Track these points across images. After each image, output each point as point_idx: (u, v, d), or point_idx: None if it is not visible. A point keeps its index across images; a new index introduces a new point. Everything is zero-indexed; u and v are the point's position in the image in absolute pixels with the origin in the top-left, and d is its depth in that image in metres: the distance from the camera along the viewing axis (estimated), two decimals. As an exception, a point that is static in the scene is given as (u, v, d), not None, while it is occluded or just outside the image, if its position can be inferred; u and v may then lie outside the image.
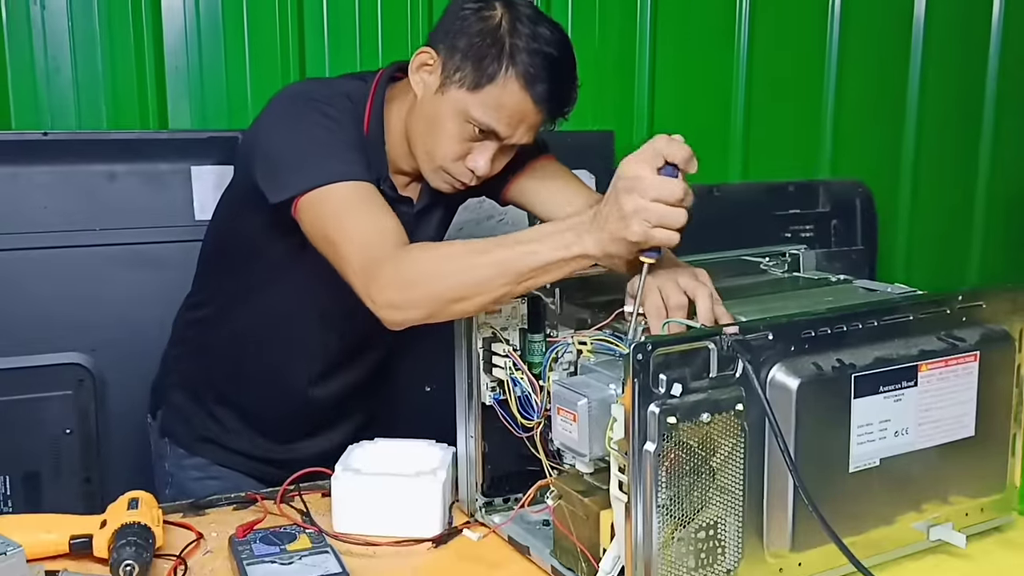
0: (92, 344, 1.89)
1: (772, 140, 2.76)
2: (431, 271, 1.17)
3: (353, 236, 1.24)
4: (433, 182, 1.40)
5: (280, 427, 1.60)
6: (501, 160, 1.37)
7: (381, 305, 1.19)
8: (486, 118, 1.30)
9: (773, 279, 1.38)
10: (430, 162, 1.37)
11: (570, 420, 1.04)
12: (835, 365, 1.01)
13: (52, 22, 2.01)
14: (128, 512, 1.12)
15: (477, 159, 1.34)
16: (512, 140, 1.33)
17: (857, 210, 2.70)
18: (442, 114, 1.32)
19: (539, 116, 1.32)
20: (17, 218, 1.88)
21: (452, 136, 1.33)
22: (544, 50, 1.29)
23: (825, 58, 2.82)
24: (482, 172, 1.35)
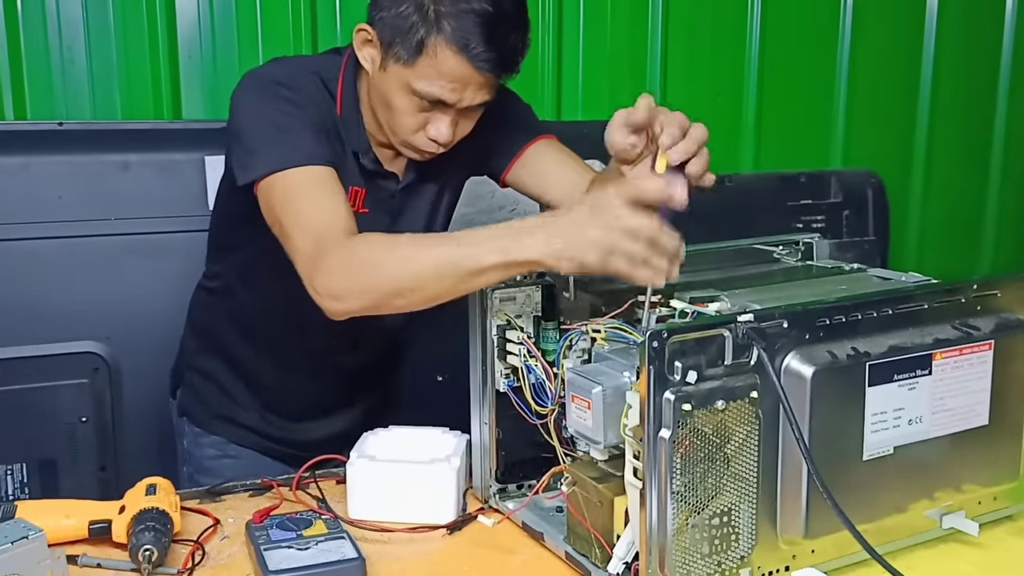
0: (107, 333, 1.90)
1: (784, 130, 2.76)
2: (373, 262, 1.16)
3: (302, 222, 1.23)
4: (406, 154, 1.40)
5: (289, 405, 1.61)
6: (466, 123, 1.36)
7: (323, 294, 1.18)
8: (429, 89, 1.28)
9: (787, 267, 1.37)
10: (395, 137, 1.37)
11: (585, 408, 1.04)
12: (850, 353, 1.01)
13: (67, 13, 2.02)
14: (146, 498, 1.14)
15: (438, 128, 1.32)
16: (464, 103, 1.30)
17: (869, 200, 2.69)
18: (390, 90, 1.31)
19: (484, 77, 1.28)
20: (32, 208, 1.89)
21: (404, 111, 1.31)
22: (474, 8, 1.24)
23: (837, 47, 2.82)
24: (444, 140, 1.33)
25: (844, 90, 2.84)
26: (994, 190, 3.11)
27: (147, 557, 1.06)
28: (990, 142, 3.08)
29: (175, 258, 1.98)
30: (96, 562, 1.10)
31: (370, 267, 1.16)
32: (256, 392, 1.61)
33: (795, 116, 2.78)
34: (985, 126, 3.07)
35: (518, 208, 2.29)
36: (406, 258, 1.15)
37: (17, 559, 0.96)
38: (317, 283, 1.18)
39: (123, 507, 1.14)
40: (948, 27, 2.91)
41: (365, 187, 1.42)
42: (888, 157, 2.89)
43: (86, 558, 1.10)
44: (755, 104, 2.72)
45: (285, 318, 1.51)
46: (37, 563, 0.98)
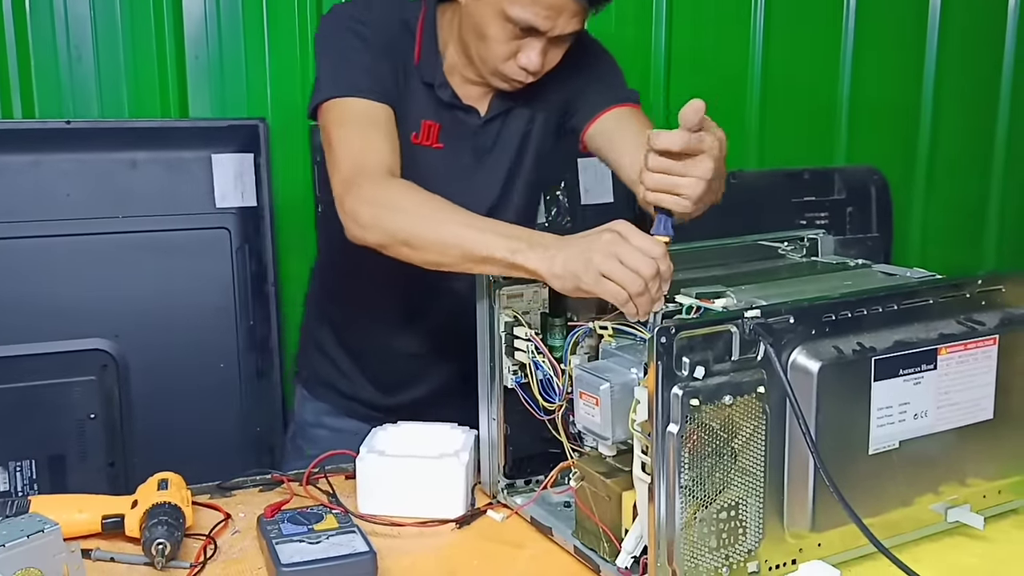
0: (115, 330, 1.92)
1: (788, 127, 2.76)
2: (397, 208, 1.24)
3: (351, 147, 1.32)
4: (495, 84, 1.42)
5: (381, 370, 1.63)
6: (555, 52, 1.38)
7: (348, 215, 1.27)
8: (523, 15, 1.30)
9: (792, 263, 1.38)
10: (484, 66, 1.39)
11: (593, 404, 1.05)
12: (855, 348, 1.02)
13: (74, 11, 2.03)
14: (158, 492, 1.15)
15: (528, 56, 1.35)
16: (556, 31, 1.33)
17: (872, 197, 2.70)
18: (484, 18, 1.34)
19: (577, 4, 1.31)
20: (40, 205, 1.90)
21: (497, 38, 1.34)
22: None
23: (841, 44, 2.82)
24: (534, 67, 1.36)
25: (848, 87, 2.84)
26: (997, 186, 3.11)
27: (160, 551, 1.07)
28: (993, 138, 3.08)
29: (183, 255, 1.99)
30: (109, 556, 1.11)
31: (394, 211, 1.24)
32: (355, 359, 1.64)
33: (799, 113, 2.78)
34: (988, 122, 3.07)
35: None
36: (425, 217, 1.21)
37: (33, 553, 0.97)
38: (347, 204, 1.27)
39: (135, 502, 1.15)
40: (951, 24, 2.91)
41: (440, 121, 1.45)
42: (891, 154, 2.88)
43: (99, 552, 1.11)
44: (759, 101, 2.72)
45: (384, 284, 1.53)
46: (53, 556, 0.99)
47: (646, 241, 1.07)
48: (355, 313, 1.62)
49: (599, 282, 1.06)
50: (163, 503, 1.12)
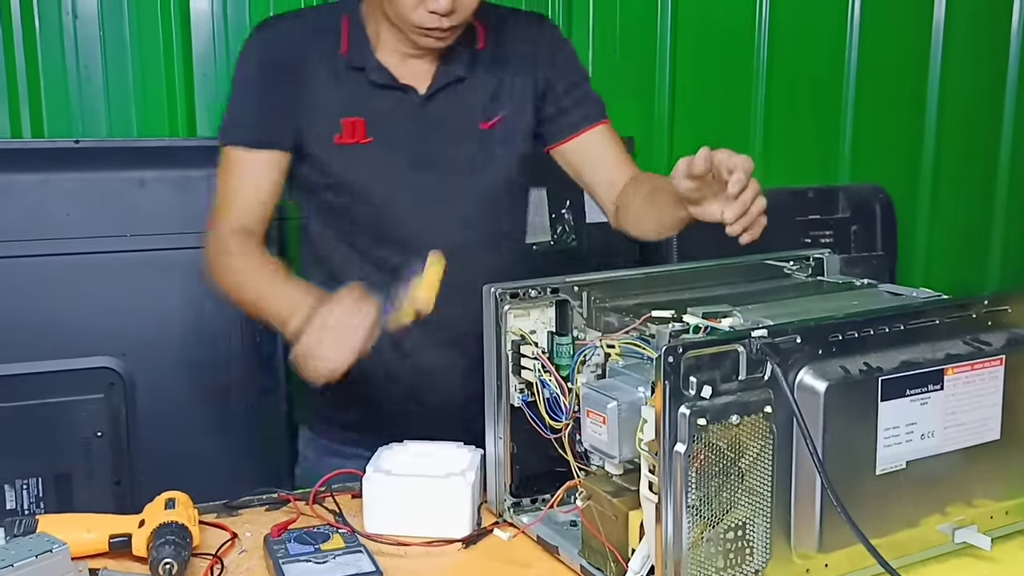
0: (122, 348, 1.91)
1: (792, 145, 2.78)
2: (216, 264, 1.45)
3: (222, 198, 1.47)
4: (422, 43, 1.39)
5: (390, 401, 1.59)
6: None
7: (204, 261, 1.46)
8: None
9: (798, 283, 1.39)
10: (403, 23, 1.36)
11: (600, 423, 1.05)
12: (862, 368, 1.02)
13: (84, 31, 2.06)
14: (165, 512, 1.15)
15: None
16: None
17: (877, 215, 2.70)
18: None
19: None
20: (49, 224, 1.90)
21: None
22: None
23: (844, 63, 2.83)
24: (444, 7, 1.31)
25: (851, 105, 2.85)
26: (1001, 204, 3.11)
27: (167, 570, 1.07)
28: (997, 156, 3.09)
29: (190, 274, 1.98)
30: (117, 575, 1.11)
31: (215, 266, 1.45)
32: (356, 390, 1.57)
33: (803, 131, 2.80)
34: (992, 141, 3.08)
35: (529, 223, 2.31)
36: (228, 280, 1.43)
37: (42, 573, 0.98)
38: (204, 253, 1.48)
39: (143, 521, 1.15)
40: (954, 42, 2.92)
41: (367, 114, 1.43)
42: (896, 173, 2.90)
43: (107, 572, 1.11)
44: (763, 119, 2.74)
45: None
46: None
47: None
48: None
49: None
50: (170, 522, 1.12)
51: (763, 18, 2.69)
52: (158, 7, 2.10)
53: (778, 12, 2.69)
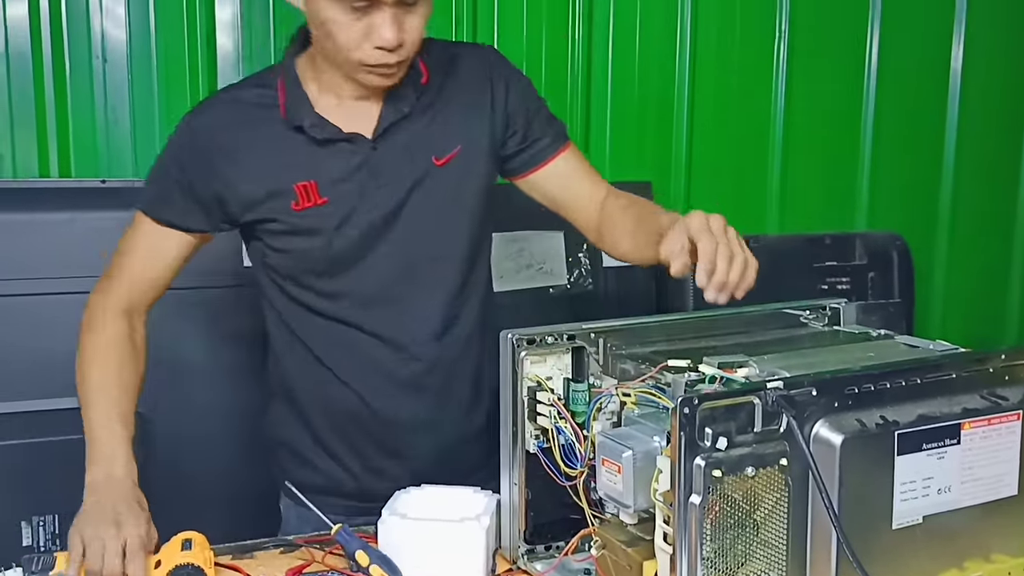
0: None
1: (809, 192, 2.78)
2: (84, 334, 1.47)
3: (118, 259, 1.49)
4: (368, 83, 1.35)
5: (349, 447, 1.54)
6: (411, 23, 1.30)
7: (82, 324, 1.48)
8: None
9: (814, 332, 1.39)
10: (347, 63, 1.32)
11: (615, 472, 1.06)
12: (878, 422, 1.02)
13: (112, 74, 2.10)
14: (182, 553, 1.16)
15: (380, 32, 1.27)
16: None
17: (894, 263, 2.70)
18: (320, 9, 1.28)
19: None
20: (74, 263, 1.93)
21: (341, 24, 1.27)
22: None
23: (861, 109, 2.85)
24: (390, 42, 1.27)
25: (868, 153, 2.86)
26: (1019, 251, 3.10)
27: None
28: (1014, 204, 3.09)
29: (210, 314, 2.01)
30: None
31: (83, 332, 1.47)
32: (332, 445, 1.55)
33: (820, 178, 2.80)
34: (1010, 189, 3.08)
35: (544, 267, 2.33)
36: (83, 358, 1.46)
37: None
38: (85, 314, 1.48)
39: (159, 561, 1.16)
40: (972, 89, 2.93)
41: (318, 176, 1.39)
42: (913, 220, 2.90)
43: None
44: (780, 167, 2.75)
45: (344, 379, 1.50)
46: (77, 616, 1.00)
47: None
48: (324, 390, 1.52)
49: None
50: (186, 564, 1.13)
51: (780, 64, 2.72)
52: (186, 51, 2.14)
53: (795, 58, 2.72)
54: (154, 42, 2.12)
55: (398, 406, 1.48)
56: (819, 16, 2.73)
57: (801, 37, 2.71)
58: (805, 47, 2.72)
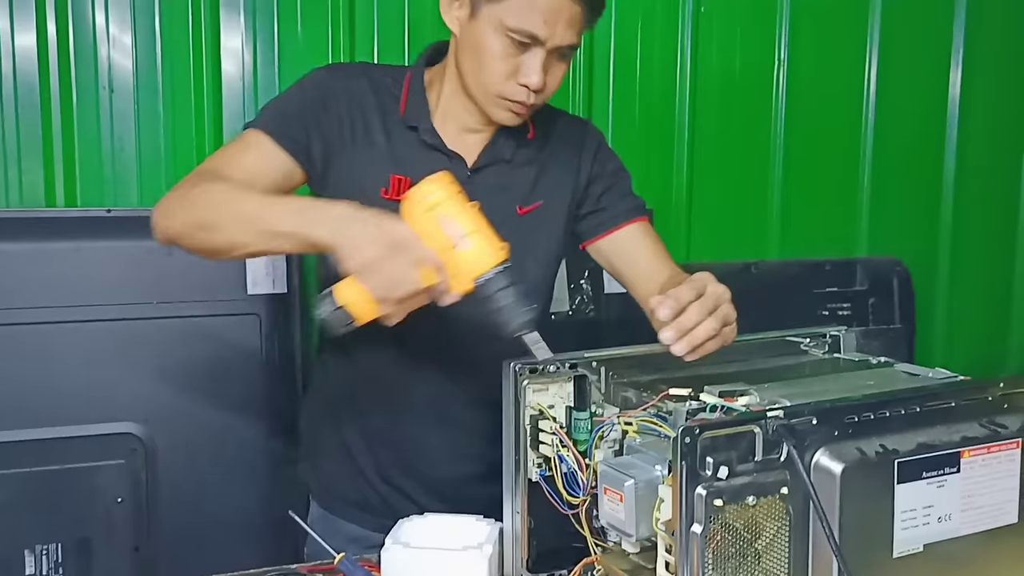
0: (145, 415, 1.95)
1: (810, 218, 2.80)
2: (206, 192, 1.25)
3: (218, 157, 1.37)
4: (497, 116, 1.40)
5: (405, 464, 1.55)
6: (555, 72, 1.37)
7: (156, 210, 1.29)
8: (522, 23, 1.30)
9: (814, 360, 1.40)
10: (484, 93, 1.37)
11: (617, 500, 1.06)
12: (878, 450, 1.03)
13: (119, 104, 2.12)
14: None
15: (528, 72, 1.33)
16: (555, 41, 1.32)
17: (895, 288, 2.71)
18: (480, 36, 1.33)
19: (575, 8, 1.31)
20: (79, 291, 1.95)
21: (495, 55, 1.33)
22: None
23: (861, 136, 2.87)
24: (535, 84, 1.34)
25: (868, 178, 2.88)
26: (1020, 275, 3.12)
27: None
28: (1015, 228, 3.11)
29: (214, 340, 2.02)
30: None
31: (198, 197, 1.26)
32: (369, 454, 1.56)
33: (820, 204, 2.82)
34: (1010, 213, 3.10)
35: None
36: (226, 199, 1.23)
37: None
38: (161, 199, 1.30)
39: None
40: (971, 115, 2.96)
41: (412, 175, 1.39)
42: (913, 245, 2.91)
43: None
44: (781, 193, 2.76)
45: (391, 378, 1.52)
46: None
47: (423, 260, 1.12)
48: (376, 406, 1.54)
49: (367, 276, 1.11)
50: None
51: (780, 91, 2.74)
52: (191, 81, 2.16)
53: (795, 86, 2.74)
54: (160, 72, 2.15)
55: (426, 431, 1.51)
56: (818, 44, 2.76)
57: (801, 65, 2.74)
58: (805, 74, 2.75)
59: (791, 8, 2.71)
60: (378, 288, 1.12)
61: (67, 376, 1.92)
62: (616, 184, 1.56)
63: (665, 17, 2.60)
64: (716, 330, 1.16)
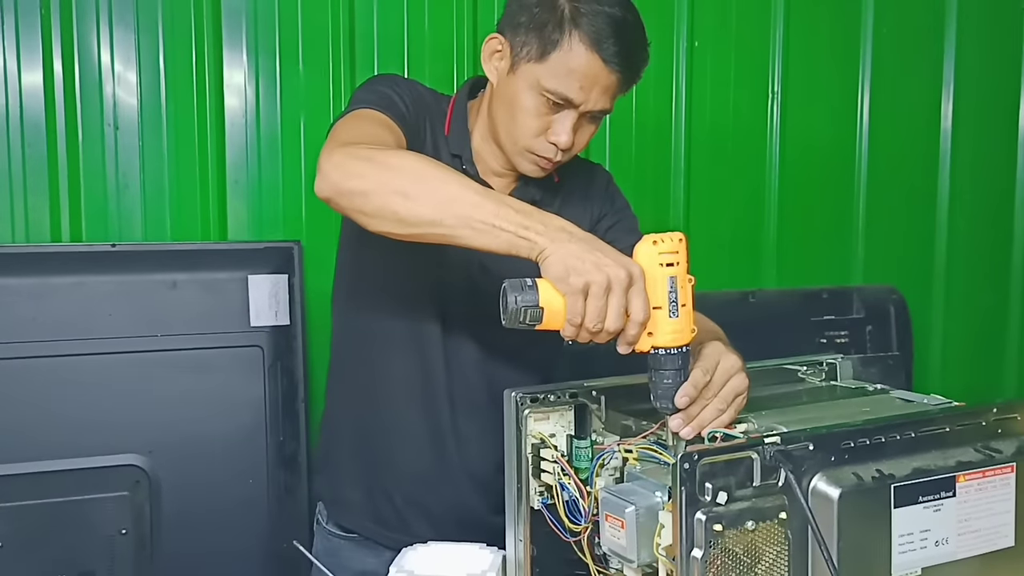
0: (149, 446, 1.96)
1: (805, 247, 2.82)
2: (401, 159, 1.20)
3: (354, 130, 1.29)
4: (523, 168, 1.43)
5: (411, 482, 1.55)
6: (584, 132, 1.40)
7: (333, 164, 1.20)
8: (558, 86, 1.33)
9: (811, 388, 1.41)
10: (513, 144, 1.40)
11: (618, 527, 1.08)
12: (875, 475, 1.04)
13: (124, 141, 2.15)
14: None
15: (558, 132, 1.36)
16: (588, 106, 1.35)
17: (891, 316, 2.73)
18: (517, 92, 1.36)
19: (612, 77, 1.34)
20: (84, 325, 1.97)
21: (529, 112, 1.36)
22: (606, 11, 1.32)
23: (855, 165, 2.89)
24: (564, 143, 1.37)
25: (863, 207, 2.90)
26: (1016, 301, 3.14)
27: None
28: (1009, 255, 3.13)
29: (217, 373, 2.04)
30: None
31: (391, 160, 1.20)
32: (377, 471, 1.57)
33: (816, 233, 2.84)
34: (1004, 239, 3.12)
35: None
36: (428, 171, 1.17)
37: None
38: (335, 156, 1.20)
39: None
40: (963, 146, 2.99)
41: None
42: (909, 273, 2.93)
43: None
44: (777, 222, 2.79)
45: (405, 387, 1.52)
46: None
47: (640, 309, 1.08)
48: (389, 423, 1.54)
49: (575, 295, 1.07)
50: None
51: (774, 123, 2.77)
52: (195, 119, 2.20)
53: (788, 116, 2.77)
54: (164, 109, 2.18)
55: (450, 457, 1.52)
56: (811, 76, 2.79)
57: (794, 97, 2.77)
58: (798, 106, 2.78)
59: (784, 41, 2.75)
60: (580, 313, 1.08)
61: (71, 409, 1.94)
62: (622, 220, 1.59)
63: (659, 51, 2.63)
64: (723, 411, 1.15)
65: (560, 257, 1.09)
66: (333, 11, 2.27)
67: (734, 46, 2.71)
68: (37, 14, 2.08)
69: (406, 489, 1.55)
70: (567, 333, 1.10)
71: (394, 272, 1.48)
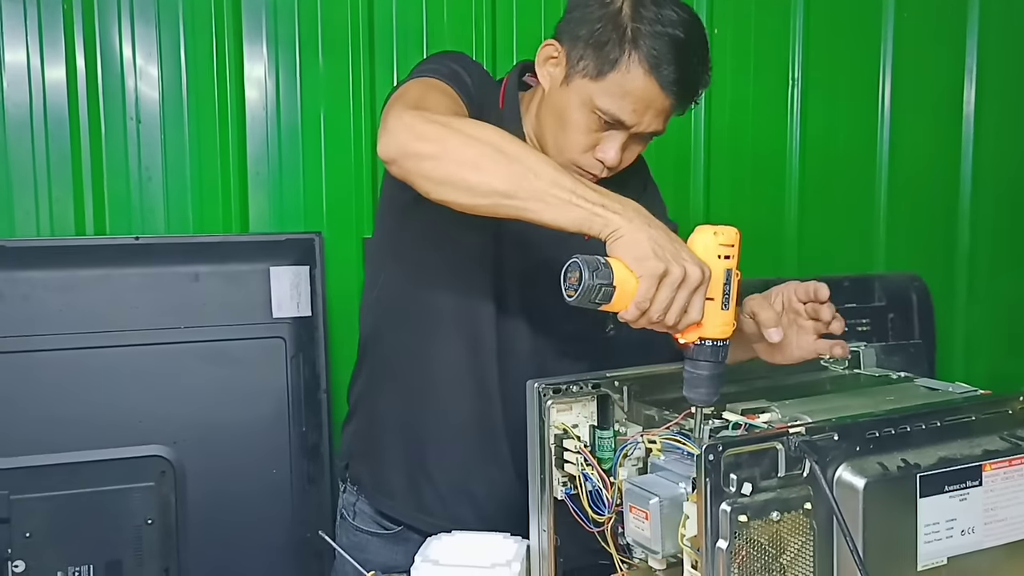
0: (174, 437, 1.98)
1: (827, 235, 2.81)
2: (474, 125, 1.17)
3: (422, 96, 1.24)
4: None
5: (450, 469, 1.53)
6: (633, 150, 1.38)
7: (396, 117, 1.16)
8: (611, 107, 1.30)
9: (835, 376, 1.41)
10: (559, 155, 1.36)
11: (642, 518, 1.08)
12: (900, 465, 1.04)
13: (146, 135, 2.17)
14: None
15: (606, 150, 1.34)
16: (640, 128, 1.33)
17: (914, 304, 2.71)
18: (569, 105, 1.33)
19: (667, 101, 1.31)
20: (108, 317, 1.99)
21: (579, 127, 1.33)
22: (669, 32, 1.28)
23: (876, 153, 2.88)
24: (611, 162, 1.35)
25: (885, 194, 2.89)
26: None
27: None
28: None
29: (240, 364, 2.06)
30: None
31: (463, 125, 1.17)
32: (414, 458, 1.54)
33: (837, 221, 2.83)
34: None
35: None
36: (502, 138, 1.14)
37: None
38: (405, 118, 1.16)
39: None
40: (986, 131, 2.96)
41: None
42: (931, 260, 2.91)
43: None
44: (798, 210, 2.78)
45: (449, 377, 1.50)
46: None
47: (698, 311, 1.08)
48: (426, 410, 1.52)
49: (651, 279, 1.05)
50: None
51: (795, 110, 2.76)
52: (215, 112, 2.21)
53: (809, 104, 2.76)
54: (186, 102, 2.19)
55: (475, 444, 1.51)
56: (831, 62, 2.78)
57: (814, 84, 2.76)
58: (818, 93, 2.77)
59: (804, 27, 2.73)
60: (650, 299, 1.07)
61: (97, 400, 1.96)
62: (652, 205, 1.56)
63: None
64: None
65: (640, 239, 1.07)
66: (352, 4, 2.28)
67: (753, 32, 2.70)
68: (59, 10, 2.10)
69: (451, 476, 1.53)
70: (628, 315, 1.09)
71: (446, 248, 1.43)
